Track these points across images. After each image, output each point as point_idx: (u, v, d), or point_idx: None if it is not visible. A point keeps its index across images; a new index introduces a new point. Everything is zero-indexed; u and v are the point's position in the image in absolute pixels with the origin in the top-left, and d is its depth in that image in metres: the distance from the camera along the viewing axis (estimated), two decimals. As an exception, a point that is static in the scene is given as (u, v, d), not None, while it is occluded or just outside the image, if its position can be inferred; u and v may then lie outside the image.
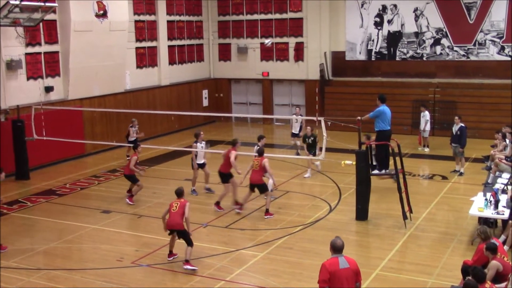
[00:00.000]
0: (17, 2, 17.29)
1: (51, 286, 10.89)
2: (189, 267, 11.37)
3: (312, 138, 18.02)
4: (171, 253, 11.95)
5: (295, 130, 20.87)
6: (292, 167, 19.21)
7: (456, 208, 14.81)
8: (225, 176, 15.04)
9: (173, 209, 11.45)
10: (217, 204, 15.07)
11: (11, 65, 19.21)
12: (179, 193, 11.73)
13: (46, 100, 20.42)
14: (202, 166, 16.61)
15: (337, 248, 7.73)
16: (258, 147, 15.63)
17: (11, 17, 17.98)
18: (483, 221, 12.49)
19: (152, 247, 12.66)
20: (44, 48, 20.66)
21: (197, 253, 11.96)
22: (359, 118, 14.33)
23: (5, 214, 15.36)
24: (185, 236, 11.48)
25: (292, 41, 27.91)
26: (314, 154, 17.98)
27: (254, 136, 23.15)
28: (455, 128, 17.90)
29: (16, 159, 18.66)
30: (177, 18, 27.47)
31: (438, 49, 25.14)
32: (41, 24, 19.83)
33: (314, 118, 15.09)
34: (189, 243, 11.46)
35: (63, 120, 20.49)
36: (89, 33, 21.34)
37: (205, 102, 29.44)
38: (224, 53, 29.76)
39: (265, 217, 14.37)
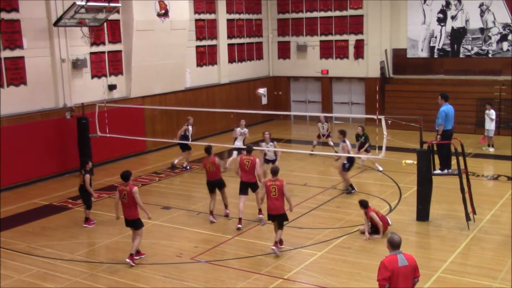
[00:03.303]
0: (83, 3, 17.82)
1: (113, 279, 11.17)
2: (282, 246, 12.10)
3: (363, 138, 17.95)
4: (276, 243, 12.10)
5: (323, 133, 20.97)
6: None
7: (523, 210, 14.30)
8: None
9: (272, 195, 11.77)
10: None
11: (77, 64, 19.80)
12: (275, 172, 11.96)
13: (109, 98, 20.94)
14: (273, 162, 16.73)
15: (394, 244, 7.61)
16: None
17: (77, 18, 18.56)
18: (552, 224, 12.02)
19: (211, 243, 12.80)
20: (108, 47, 21.20)
21: (255, 251, 12.01)
22: (438, 136, 13.87)
23: (70, 208, 15.88)
24: (283, 220, 11.97)
25: (352, 39, 27.62)
26: (367, 151, 18.06)
27: (312, 135, 23.10)
28: (521, 128, 17.29)
29: (81, 155, 19.23)
30: (236, 16, 27.64)
31: (505, 45, 24.30)
32: (105, 24, 20.37)
33: (374, 117, 14.86)
34: (282, 226, 12.02)
35: (125, 118, 20.96)
36: (151, 32, 21.75)
37: (264, 100, 29.50)
38: (283, 51, 29.74)
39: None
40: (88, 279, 11.21)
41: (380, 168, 18.40)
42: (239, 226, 13.60)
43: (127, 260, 11.69)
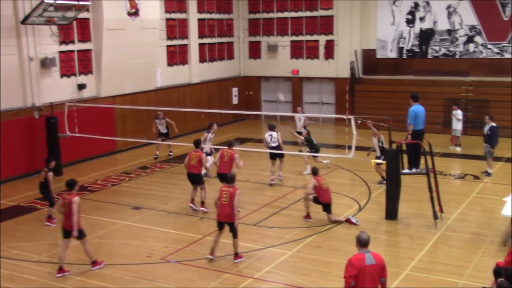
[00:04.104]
0: (52, 1, 17.59)
1: (82, 281, 11.07)
2: (240, 259, 11.64)
3: (305, 141, 18.37)
4: (213, 252, 11.78)
5: (299, 128, 20.76)
6: (320, 165, 19.12)
7: (488, 209, 14.59)
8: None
9: (223, 200, 11.50)
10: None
11: (45, 63, 19.53)
12: (231, 179, 11.76)
13: (79, 98, 20.72)
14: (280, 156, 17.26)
15: (362, 242, 7.69)
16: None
17: (45, 16, 18.33)
18: (516, 222, 12.28)
19: (181, 243, 12.77)
20: (77, 46, 20.96)
21: (226, 250, 12.01)
22: (408, 136, 14.14)
23: (38, 209, 15.67)
24: (233, 228, 11.55)
25: (322, 39, 27.80)
26: (316, 152, 18.41)
27: (283, 135, 23.18)
28: (486, 128, 17.62)
29: (49, 155, 18.96)
30: (207, 16, 27.59)
31: (471, 46, 24.75)
32: (74, 22, 20.14)
33: (344, 116, 15.01)
34: (235, 235, 11.59)
35: (95, 117, 20.77)
36: (121, 31, 21.58)
37: (235, 100, 29.52)
38: (254, 51, 29.78)
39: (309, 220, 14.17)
40: (56, 280, 11.08)
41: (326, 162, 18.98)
42: None
43: (93, 268, 11.48)
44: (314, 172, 14.06)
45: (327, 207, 13.78)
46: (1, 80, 18.32)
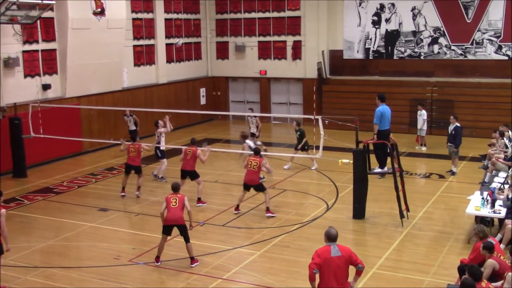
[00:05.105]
0: (14, 0, 17.25)
1: (48, 284, 10.89)
2: (196, 263, 11.51)
3: (298, 133, 18.30)
4: (158, 258, 11.68)
5: (253, 130, 20.28)
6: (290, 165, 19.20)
7: (453, 207, 14.84)
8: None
9: (172, 205, 11.40)
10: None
11: (9, 63, 19.16)
12: (176, 188, 11.70)
13: (43, 98, 20.39)
14: None
15: (331, 237, 7.89)
16: (255, 147, 15.66)
17: (8, 15, 17.95)
18: (480, 220, 12.53)
19: (149, 245, 12.66)
20: (41, 45, 20.62)
21: (196, 252, 11.95)
22: (374, 136, 14.32)
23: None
24: (185, 232, 11.45)
25: (290, 40, 27.90)
26: (305, 150, 18.41)
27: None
28: (450, 128, 17.93)
29: (13, 157, 18.65)
30: (174, 16, 27.44)
31: (435, 48, 25.15)
32: (38, 21, 19.80)
33: (312, 117, 15.09)
34: (188, 239, 11.46)
35: (61, 118, 20.46)
36: (87, 31, 21.30)
37: (203, 100, 29.43)
38: (222, 51, 29.73)
39: (267, 214, 14.34)
40: (21, 284, 10.88)
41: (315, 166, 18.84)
42: None
43: None
44: (254, 151, 14.82)
45: (255, 188, 14.43)
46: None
